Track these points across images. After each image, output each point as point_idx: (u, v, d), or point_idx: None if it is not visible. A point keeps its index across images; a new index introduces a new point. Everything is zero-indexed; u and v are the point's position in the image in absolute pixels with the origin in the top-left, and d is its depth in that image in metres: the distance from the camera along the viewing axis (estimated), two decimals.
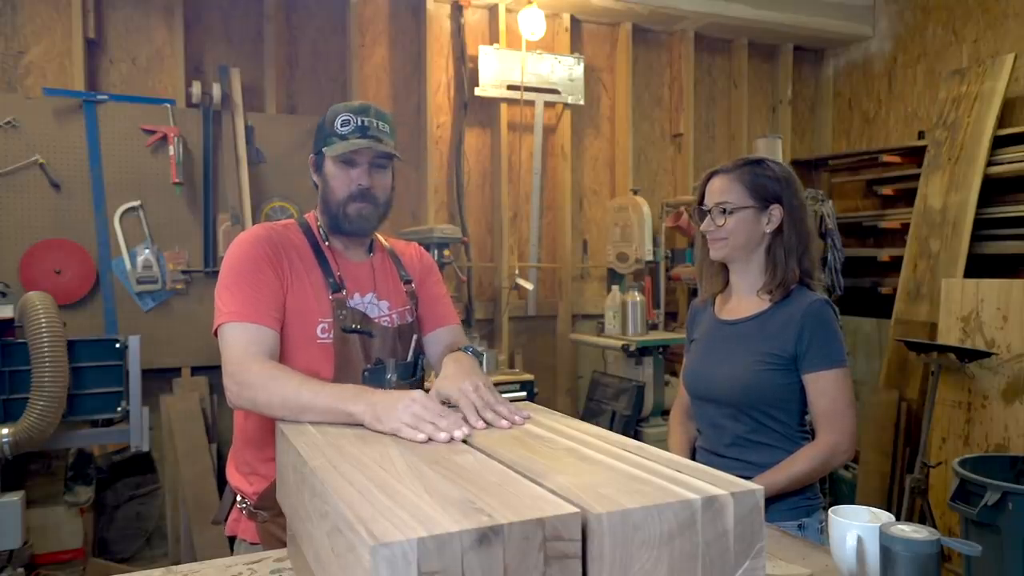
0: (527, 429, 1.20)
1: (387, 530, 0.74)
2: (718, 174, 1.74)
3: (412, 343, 1.63)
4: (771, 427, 1.68)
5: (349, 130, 1.54)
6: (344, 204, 1.56)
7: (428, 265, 1.78)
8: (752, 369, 1.66)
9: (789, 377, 1.65)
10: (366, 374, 1.53)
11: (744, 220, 1.68)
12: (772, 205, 1.68)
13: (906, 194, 4.38)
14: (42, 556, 2.86)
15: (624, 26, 4.46)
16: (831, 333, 1.64)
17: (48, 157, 3.22)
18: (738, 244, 1.69)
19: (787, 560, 1.29)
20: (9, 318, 2.61)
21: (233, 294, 1.46)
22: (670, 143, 4.75)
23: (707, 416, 1.78)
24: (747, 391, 1.66)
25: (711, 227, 1.70)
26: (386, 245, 1.74)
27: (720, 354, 1.73)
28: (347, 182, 1.56)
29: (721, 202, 1.69)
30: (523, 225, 4.32)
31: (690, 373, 1.82)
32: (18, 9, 3.31)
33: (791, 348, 1.64)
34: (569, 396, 4.39)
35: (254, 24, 3.73)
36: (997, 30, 4.12)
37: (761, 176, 1.69)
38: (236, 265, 1.49)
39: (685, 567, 0.82)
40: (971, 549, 1.08)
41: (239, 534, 1.59)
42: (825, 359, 1.62)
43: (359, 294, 1.60)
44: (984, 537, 2.27)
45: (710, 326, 1.81)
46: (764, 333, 1.67)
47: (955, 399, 3.37)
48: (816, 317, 1.63)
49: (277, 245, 1.53)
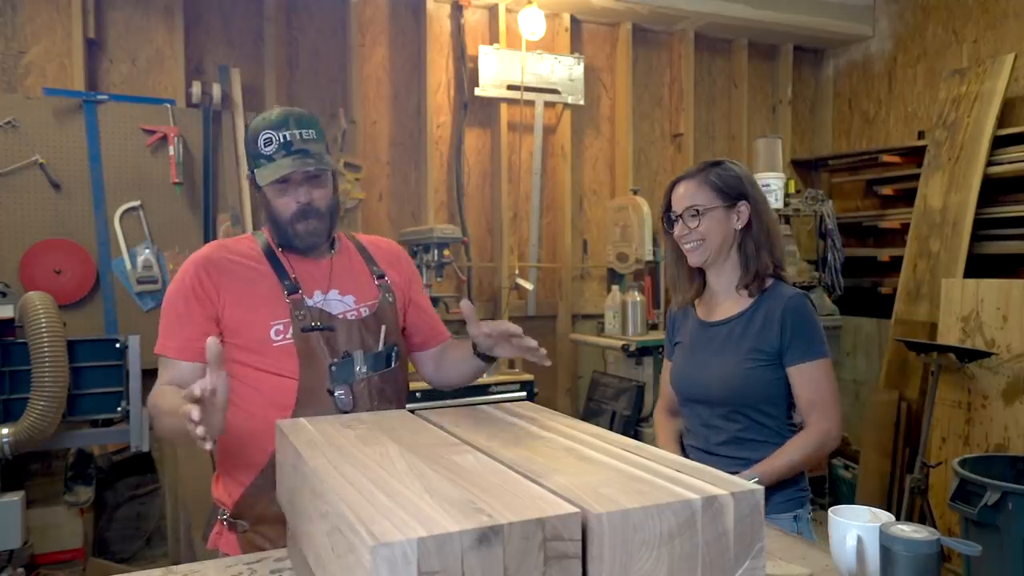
0: (527, 429, 1.20)
1: (387, 530, 0.74)
2: (682, 180, 1.78)
3: (382, 333, 1.61)
4: (763, 423, 1.72)
5: (273, 150, 1.51)
6: (290, 224, 1.56)
7: (408, 268, 1.78)
8: (743, 367, 1.70)
9: (777, 372, 1.70)
10: (333, 369, 1.53)
11: (716, 220, 1.73)
12: (739, 202, 1.74)
13: (906, 194, 4.38)
14: (42, 556, 2.86)
15: (624, 26, 4.46)
16: (812, 325, 1.70)
17: (48, 157, 3.22)
18: (714, 246, 1.74)
19: (787, 560, 1.29)
20: (9, 318, 2.61)
21: (162, 326, 1.57)
22: (670, 143, 4.75)
23: (699, 417, 1.80)
24: (740, 389, 1.70)
25: (685, 231, 1.75)
26: (354, 241, 1.73)
27: (709, 356, 1.77)
28: (287, 202, 1.55)
29: (691, 206, 1.73)
30: (523, 225, 4.32)
31: (680, 376, 1.85)
32: (18, 9, 3.31)
33: (776, 343, 1.69)
34: (569, 396, 4.39)
35: (254, 24, 3.73)
36: (997, 30, 4.12)
37: (725, 175, 1.74)
38: (168, 297, 1.58)
39: (685, 567, 0.82)
40: (971, 549, 1.08)
41: (220, 547, 1.57)
42: (809, 351, 1.68)
43: (320, 292, 1.60)
44: (984, 537, 2.27)
45: (695, 329, 1.84)
46: (749, 331, 1.72)
47: (955, 399, 3.38)
48: (796, 311, 1.69)
49: (214, 265, 1.56)
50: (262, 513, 1.49)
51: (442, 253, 3.55)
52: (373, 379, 1.57)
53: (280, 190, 1.54)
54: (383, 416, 1.34)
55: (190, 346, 1.51)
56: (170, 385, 1.49)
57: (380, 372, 1.59)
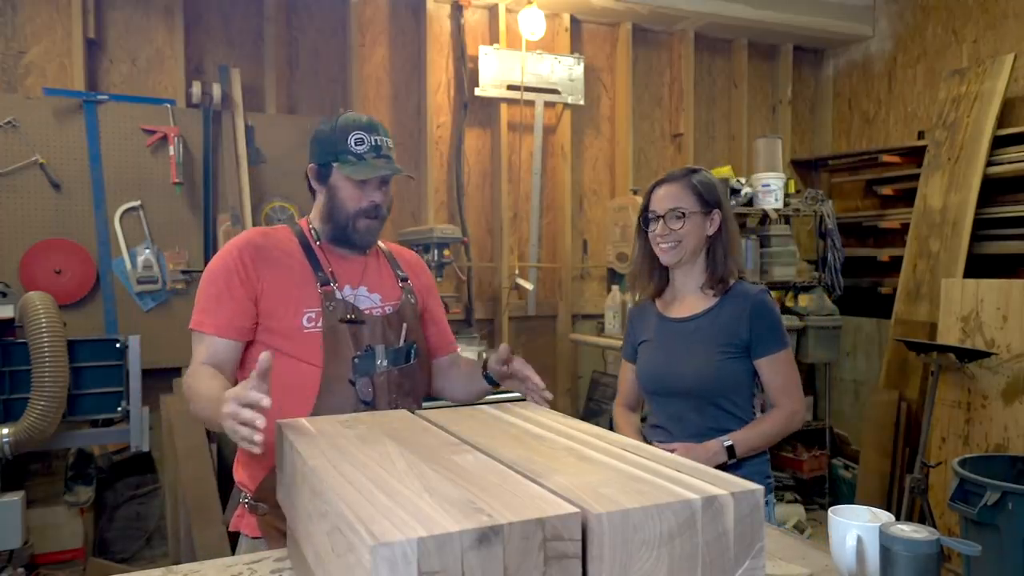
0: (527, 429, 1.20)
1: (387, 530, 0.74)
2: (665, 183, 1.88)
3: (403, 331, 1.67)
4: (732, 412, 1.83)
5: (364, 150, 1.61)
6: (354, 219, 1.64)
7: (428, 281, 1.87)
8: (715, 360, 1.81)
9: (743, 364, 1.82)
10: (356, 361, 1.59)
11: (695, 224, 1.83)
12: (714, 209, 1.85)
13: (906, 194, 4.38)
14: (42, 556, 2.86)
15: (624, 26, 4.46)
16: (776, 319, 1.84)
17: (48, 157, 3.22)
18: (689, 247, 1.84)
19: (787, 560, 1.29)
20: (9, 318, 2.61)
21: (200, 302, 1.60)
22: (670, 143, 4.75)
23: (668, 410, 1.89)
24: (713, 381, 1.81)
25: (666, 231, 1.83)
26: (382, 247, 1.81)
27: (679, 351, 1.86)
28: (358, 198, 1.63)
29: (675, 208, 1.83)
30: (523, 225, 4.32)
31: (650, 371, 1.92)
32: (18, 9, 3.31)
33: (745, 336, 1.81)
34: (569, 396, 4.39)
35: (254, 24, 3.73)
36: (997, 30, 4.12)
37: (704, 183, 1.86)
38: (209, 274, 1.61)
39: (685, 567, 0.82)
40: (971, 549, 1.09)
41: (242, 529, 1.62)
42: (775, 342, 1.82)
43: (350, 287, 1.65)
44: (984, 537, 2.26)
45: (659, 326, 1.93)
46: (717, 326, 1.83)
47: (955, 399, 3.38)
48: (762, 306, 1.82)
49: (257, 250, 1.61)
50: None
51: (442, 253, 3.56)
52: (393, 373, 1.63)
53: (358, 187, 1.62)
54: (383, 416, 1.34)
55: (230, 324, 1.57)
56: (207, 366, 1.54)
57: (400, 367, 1.65)
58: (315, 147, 1.66)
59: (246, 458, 1.63)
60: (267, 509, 1.52)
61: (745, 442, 1.78)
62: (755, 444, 1.80)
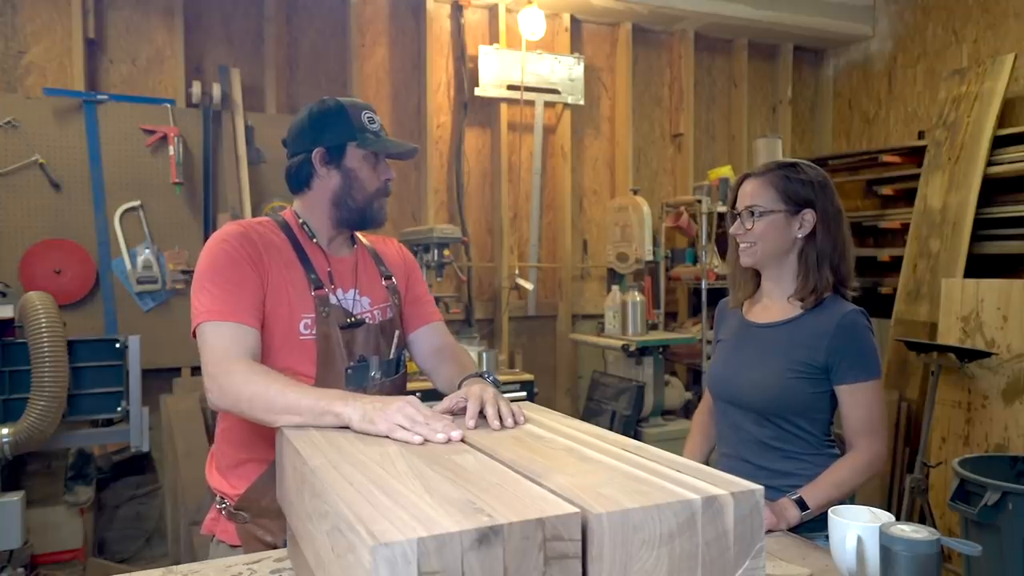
0: (527, 429, 1.20)
1: (387, 530, 0.74)
2: (750, 177, 1.71)
3: (395, 340, 1.61)
4: (795, 434, 1.64)
5: (377, 128, 1.57)
6: (373, 199, 1.58)
7: (411, 263, 1.77)
8: (782, 376, 1.62)
9: (818, 387, 1.61)
10: (349, 372, 1.51)
11: (773, 224, 1.64)
12: (804, 210, 1.65)
13: (906, 194, 4.38)
14: (42, 556, 2.86)
15: (624, 26, 4.46)
16: (866, 344, 1.60)
17: (48, 157, 3.22)
18: (767, 249, 1.65)
19: (787, 560, 1.29)
20: (9, 318, 2.61)
21: (212, 292, 1.41)
22: (670, 143, 4.75)
23: (728, 418, 1.74)
24: (774, 398, 1.62)
25: (740, 230, 1.67)
26: (365, 242, 1.72)
27: (748, 358, 1.69)
28: (375, 177, 1.58)
29: (751, 205, 1.66)
30: (523, 225, 4.32)
31: (716, 375, 1.77)
32: (18, 9, 3.31)
33: (822, 358, 1.59)
34: (569, 396, 4.39)
35: (254, 24, 3.73)
36: (997, 30, 4.12)
37: (793, 180, 1.66)
38: (215, 263, 1.44)
39: (685, 567, 0.82)
40: (971, 549, 1.08)
41: (217, 534, 1.55)
42: (861, 371, 1.58)
43: (342, 290, 1.57)
44: (984, 537, 2.26)
45: (738, 327, 1.76)
46: (794, 340, 1.63)
47: (955, 399, 3.37)
48: (850, 328, 1.59)
49: (256, 242, 1.49)
50: (267, 507, 1.48)
51: (442, 253, 3.56)
52: (385, 384, 1.57)
53: (370, 164, 1.57)
54: None
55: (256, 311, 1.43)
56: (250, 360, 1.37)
57: (391, 378, 1.60)
58: (320, 130, 1.54)
59: (223, 465, 1.56)
60: (248, 519, 1.50)
61: (815, 497, 1.52)
62: (830, 496, 1.53)
